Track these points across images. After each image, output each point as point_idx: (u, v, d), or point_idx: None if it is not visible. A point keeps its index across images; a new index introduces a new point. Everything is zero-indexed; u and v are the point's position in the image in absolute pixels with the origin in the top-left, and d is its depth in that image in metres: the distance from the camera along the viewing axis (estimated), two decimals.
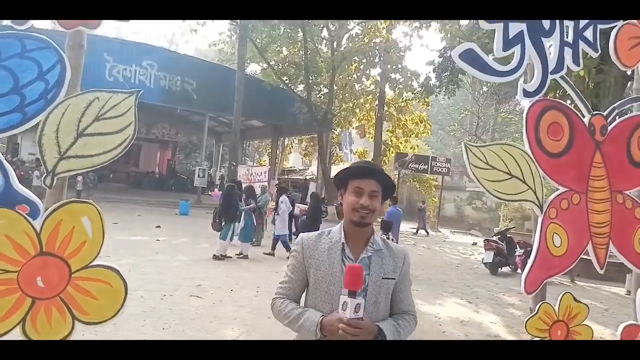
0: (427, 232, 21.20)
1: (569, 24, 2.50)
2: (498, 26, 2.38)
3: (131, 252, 9.84)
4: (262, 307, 6.46)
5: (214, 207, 19.97)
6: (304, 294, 1.89)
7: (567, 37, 2.49)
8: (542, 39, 2.44)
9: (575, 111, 2.49)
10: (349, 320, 1.62)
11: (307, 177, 31.44)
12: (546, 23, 2.46)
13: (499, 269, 11.95)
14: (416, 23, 23.82)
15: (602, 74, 11.39)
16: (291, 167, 41.00)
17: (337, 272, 1.76)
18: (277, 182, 28.40)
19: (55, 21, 1.78)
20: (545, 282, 2.40)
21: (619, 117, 2.62)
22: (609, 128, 2.55)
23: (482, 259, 12.37)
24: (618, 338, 2.51)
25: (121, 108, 1.90)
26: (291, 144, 39.28)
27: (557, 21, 2.48)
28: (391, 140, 27.54)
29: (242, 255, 10.59)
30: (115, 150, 1.91)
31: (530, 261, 2.37)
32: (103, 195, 19.65)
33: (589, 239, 2.48)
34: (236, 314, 6.07)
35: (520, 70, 2.39)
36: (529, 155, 2.37)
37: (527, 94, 2.40)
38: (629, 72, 2.78)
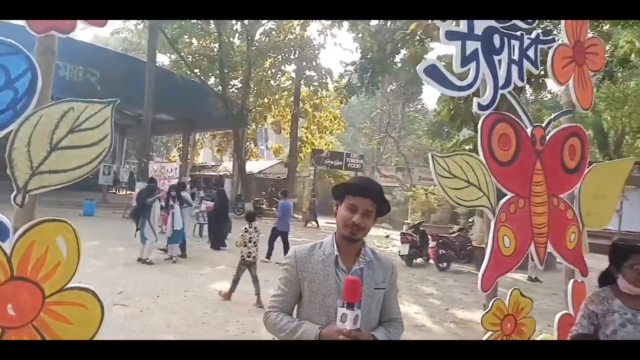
0: (317, 224, 21.84)
1: (515, 43, 2.74)
2: (457, 44, 2.54)
3: None
4: (195, 312, 6.27)
5: (122, 205, 18.74)
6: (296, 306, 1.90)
7: (513, 55, 2.73)
8: (494, 56, 2.65)
9: (521, 123, 2.74)
10: (349, 332, 1.66)
11: (221, 174, 30.78)
12: (497, 41, 2.67)
13: (414, 260, 12.65)
14: (329, 22, 24.29)
15: None
16: (203, 163, 39.84)
17: (332, 284, 1.79)
18: (190, 178, 27.51)
19: (26, 25, 1.61)
20: (497, 280, 2.62)
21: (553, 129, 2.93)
22: (547, 138, 2.85)
23: (399, 251, 13.01)
24: (555, 327, 2.81)
25: (97, 119, 1.78)
26: (202, 139, 38.15)
27: (506, 40, 2.70)
28: (306, 137, 27.86)
29: (172, 259, 9.87)
30: (91, 164, 1.79)
31: (485, 262, 2.58)
32: None
33: (532, 238, 2.76)
34: (168, 321, 5.81)
35: (476, 85, 2.59)
36: (483, 164, 2.57)
37: (481, 107, 2.60)
38: (563, 88, 3.11)
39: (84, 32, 46.57)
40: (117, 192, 27.20)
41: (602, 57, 3.15)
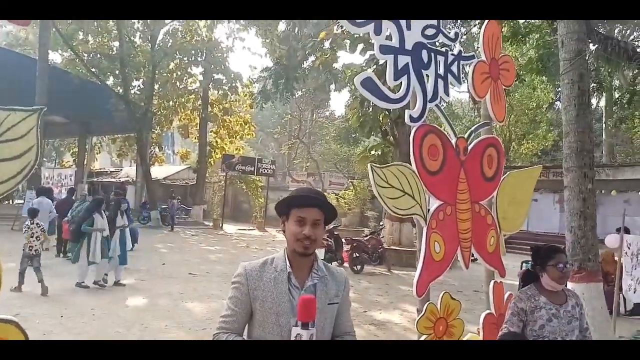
0: (173, 228, 20.76)
1: (440, 58, 2.89)
2: (389, 58, 2.63)
3: None
4: (104, 334, 5.79)
5: (10, 216, 16.83)
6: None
7: (439, 70, 2.88)
8: (422, 71, 2.78)
9: (446, 134, 2.90)
10: None
11: (122, 180, 28.93)
12: (425, 56, 2.80)
13: (330, 264, 12.86)
14: (238, 25, 23.98)
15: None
16: (101, 169, 37.16)
17: (286, 303, 1.74)
18: (87, 185, 25.52)
19: None
20: (430, 284, 2.74)
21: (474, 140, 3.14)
22: (469, 148, 3.04)
23: None
24: (480, 326, 3.00)
25: (20, 129, 1.58)
26: (99, 143, 35.63)
27: (433, 55, 2.84)
28: (216, 142, 27.17)
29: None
30: (14, 180, 1.58)
31: (418, 268, 2.68)
32: None
33: (458, 243, 2.92)
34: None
35: (407, 97, 2.69)
36: (416, 174, 2.68)
37: (412, 119, 2.71)
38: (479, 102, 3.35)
39: None
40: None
41: (513, 73, 3.44)
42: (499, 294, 3.11)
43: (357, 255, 12.65)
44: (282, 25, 19.61)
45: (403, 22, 2.66)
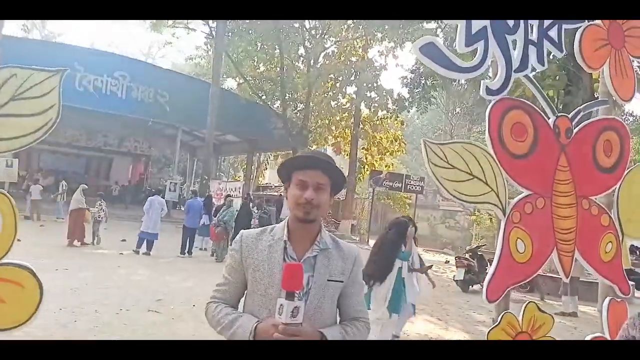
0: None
1: (533, 22, 2.43)
2: (461, 22, 2.28)
3: (92, 265, 9.40)
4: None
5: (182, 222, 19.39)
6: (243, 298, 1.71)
7: (531, 36, 2.41)
8: (506, 36, 2.35)
9: (540, 112, 2.40)
10: (285, 326, 1.43)
11: (282, 194, 31.17)
12: (510, 20, 2.37)
13: (470, 286, 11.88)
14: (391, 43, 24.15)
15: (570, 95, 11.65)
16: (267, 184, 40.56)
17: (277, 273, 1.57)
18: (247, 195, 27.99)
19: None
20: (508, 290, 2.26)
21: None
22: (575, 131, 2.47)
23: (454, 276, 12.29)
24: None
25: (43, 88, 1.71)
26: (267, 160, 38.97)
27: (522, 19, 2.40)
28: (366, 158, 27.54)
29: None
30: (35, 134, 1.70)
31: (492, 268, 2.24)
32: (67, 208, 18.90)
33: (554, 245, 2.37)
34: (196, 330, 5.76)
35: (482, 67, 2.29)
36: (491, 156, 2.26)
37: (490, 91, 2.30)
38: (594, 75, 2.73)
39: (163, 59, 49.60)
40: (181, 208, 28.26)
41: None
42: (618, 315, 2.43)
43: None
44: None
45: None
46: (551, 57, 2.83)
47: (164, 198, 22.99)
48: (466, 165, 2.19)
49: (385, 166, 27.41)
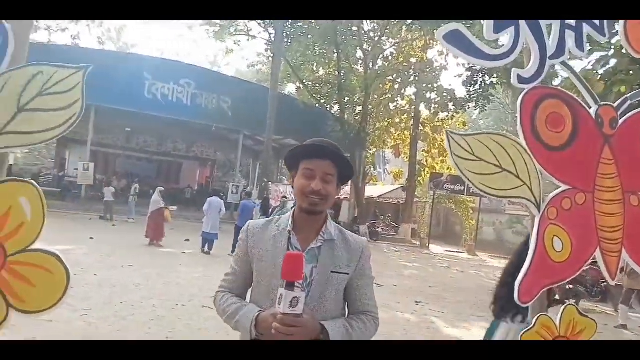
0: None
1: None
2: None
3: (156, 263, 9.89)
4: None
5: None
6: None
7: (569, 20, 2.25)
8: (540, 21, 2.21)
9: (579, 100, 2.22)
10: (283, 316, 1.41)
11: (341, 197, 31.21)
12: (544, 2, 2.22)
13: None
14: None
15: None
16: None
17: (281, 264, 1.56)
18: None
19: None
20: (543, 291, 2.11)
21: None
22: (620, 121, 2.27)
23: None
24: None
25: (68, 84, 1.80)
26: None
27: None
28: (426, 161, 26.98)
29: None
30: (59, 128, 1.80)
31: (525, 266, 2.09)
32: (138, 209, 20.07)
33: (597, 244, 2.18)
34: None
35: (513, 54, 2.16)
36: (523, 148, 2.12)
37: (522, 80, 2.15)
38: None
39: (228, 67, 51.38)
40: None
41: None
42: None
43: (571, 287, 10.73)
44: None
45: None
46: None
47: (226, 200, 23.89)
48: (494, 157, 2.07)
49: (447, 168, 26.70)
